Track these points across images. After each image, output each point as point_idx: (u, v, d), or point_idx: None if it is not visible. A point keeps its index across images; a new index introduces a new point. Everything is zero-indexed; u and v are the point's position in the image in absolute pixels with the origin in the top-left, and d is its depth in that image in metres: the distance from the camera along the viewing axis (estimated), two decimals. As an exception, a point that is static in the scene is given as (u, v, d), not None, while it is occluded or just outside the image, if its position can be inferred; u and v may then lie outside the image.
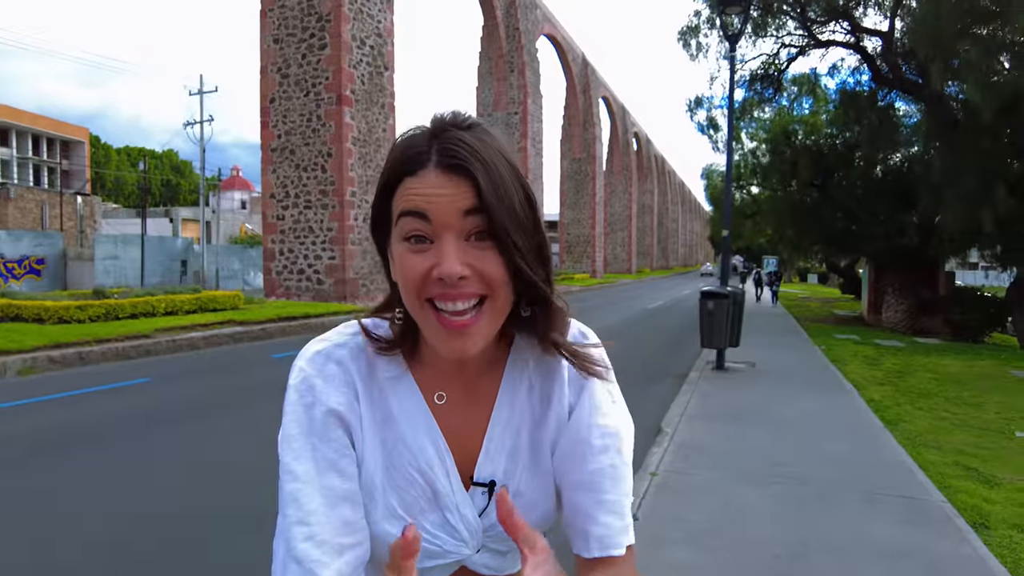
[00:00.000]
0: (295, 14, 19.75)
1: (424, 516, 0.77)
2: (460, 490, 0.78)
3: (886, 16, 16.27)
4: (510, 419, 0.80)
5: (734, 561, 3.03)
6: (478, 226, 0.67)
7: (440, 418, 0.79)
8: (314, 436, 0.74)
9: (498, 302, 0.70)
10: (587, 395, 0.81)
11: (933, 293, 17.65)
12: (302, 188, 19.74)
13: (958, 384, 8.46)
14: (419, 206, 0.67)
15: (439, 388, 0.80)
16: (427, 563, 0.77)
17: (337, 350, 0.79)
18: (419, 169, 0.68)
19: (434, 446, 0.78)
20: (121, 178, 67.32)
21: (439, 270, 0.66)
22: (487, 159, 0.68)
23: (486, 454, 0.79)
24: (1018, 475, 4.57)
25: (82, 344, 9.63)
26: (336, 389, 0.76)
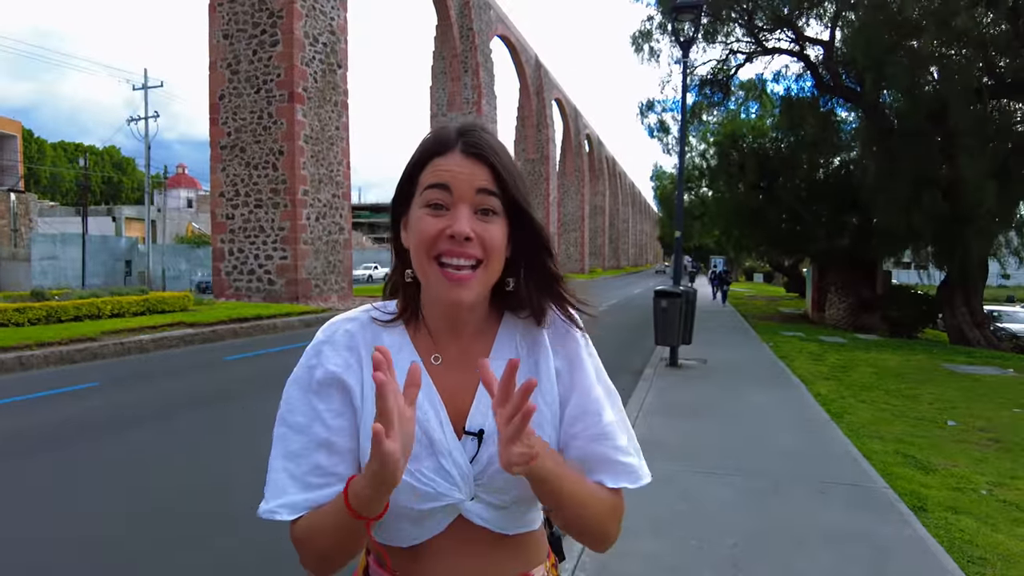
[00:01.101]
0: (246, 9, 19.32)
1: (420, 462, 0.86)
2: (453, 438, 0.88)
3: (827, 26, 17.00)
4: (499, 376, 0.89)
5: (698, 549, 3.18)
6: (486, 203, 0.85)
7: (436, 377, 0.91)
8: (310, 392, 0.90)
9: (490, 268, 0.87)
10: (585, 360, 0.96)
11: (872, 292, 18.50)
12: (252, 187, 19.32)
13: (896, 377, 8.94)
14: (444, 179, 0.84)
15: (436, 351, 0.93)
16: (424, 505, 0.86)
17: (347, 323, 0.95)
18: (447, 151, 0.86)
19: (429, 400, 0.89)
20: (57, 175, 64.34)
21: (452, 229, 0.83)
22: (501, 154, 0.87)
23: (477, 407, 0.90)
24: (950, 461, 4.89)
25: (22, 348, 9.23)
26: (337, 354, 0.92)
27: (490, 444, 0.88)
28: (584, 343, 0.97)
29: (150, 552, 3.27)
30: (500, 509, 0.90)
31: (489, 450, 0.88)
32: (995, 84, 13.42)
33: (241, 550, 3.26)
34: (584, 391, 0.94)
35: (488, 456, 0.88)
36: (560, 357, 0.95)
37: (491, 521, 0.90)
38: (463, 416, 0.90)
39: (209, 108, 19.94)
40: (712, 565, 3.01)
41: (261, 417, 6.18)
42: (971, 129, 11.63)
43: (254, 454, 4.75)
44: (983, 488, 4.29)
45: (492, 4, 37.43)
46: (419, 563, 0.90)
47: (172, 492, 4.17)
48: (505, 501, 0.89)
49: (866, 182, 15.01)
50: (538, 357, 0.95)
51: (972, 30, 11.82)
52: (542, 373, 0.93)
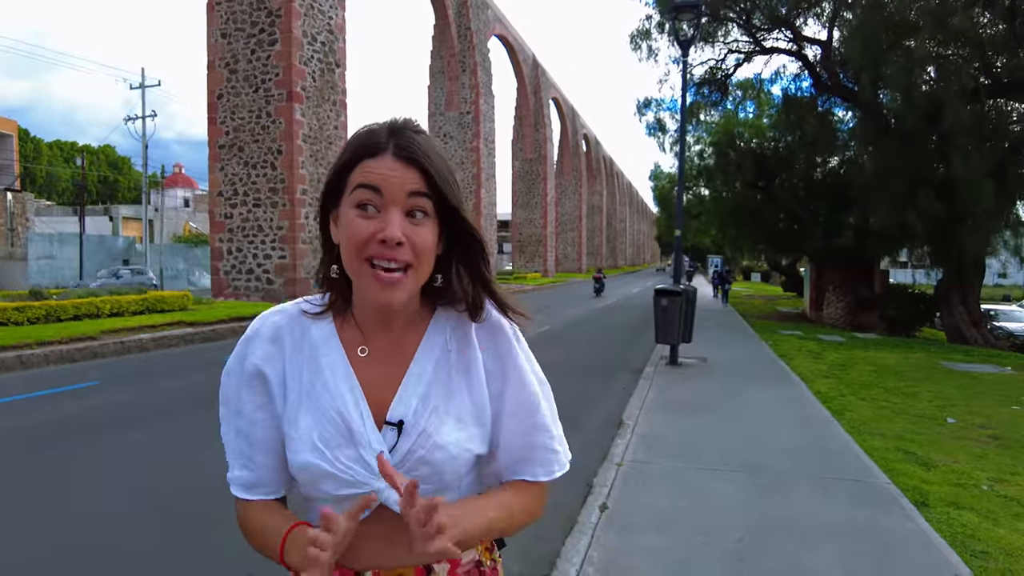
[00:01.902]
0: (244, 8, 19.29)
1: (340, 450, 0.89)
2: (372, 429, 0.91)
3: (825, 26, 17.06)
4: (423, 371, 0.94)
5: (704, 544, 3.20)
6: (416, 205, 0.86)
7: (361, 368, 0.94)
8: (241, 384, 0.96)
9: (421, 270, 0.88)
10: (518, 354, 0.99)
11: (870, 291, 18.56)
12: (251, 186, 19.31)
13: (895, 375, 8.98)
14: (375, 181, 0.84)
15: (363, 344, 0.95)
16: (344, 491, 0.90)
17: (275, 315, 0.98)
18: (378, 153, 0.86)
19: (351, 391, 0.92)
20: (53, 174, 64.13)
21: (383, 234, 0.83)
22: (432, 156, 0.87)
23: (399, 398, 0.92)
24: (951, 458, 4.93)
25: (22, 347, 9.23)
26: (261, 347, 0.95)
27: (410, 435, 0.91)
28: (514, 335, 1.00)
29: (149, 551, 3.28)
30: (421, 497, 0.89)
31: (409, 441, 0.91)
32: (992, 84, 13.48)
33: (240, 548, 3.26)
34: (519, 384, 0.98)
35: (408, 447, 0.90)
36: (490, 354, 0.98)
37: None
38: (385, 407, 0.92)
39: (207, 107, 19.92)
40: (718, 559, 3.04)
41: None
42: (967, 129, 11.68)
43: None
44: (984, 484, 4.32)
45: (490, 3, 37.43)
46: (347, 548, 0.90)
47: (172, 491, 4.17)
48: (426, 491, 0.89)
49: (862, 181, 15.07)
50: (467, 353, 0.97)
51: (969, 30, 11.87)
52: (472, 370, 0.96)
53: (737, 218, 21.21)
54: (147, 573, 3.09)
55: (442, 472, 0.92)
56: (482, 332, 0.98)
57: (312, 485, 0.92)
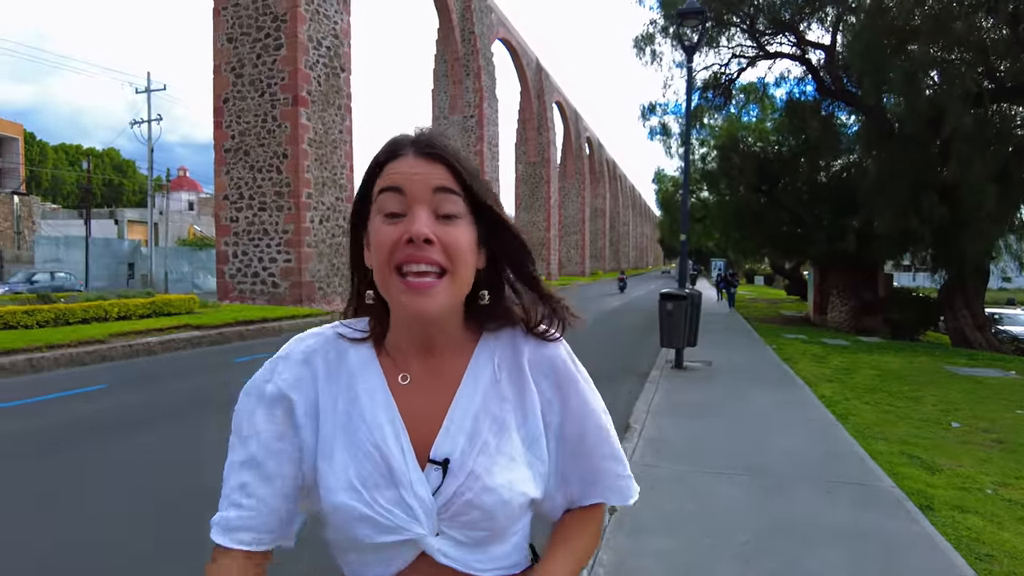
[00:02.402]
0: (249, 13, 19.43)
1: (379, 491, 0.80)
2: (415, 468, 0.81)
3: (829, 30, 17.10)
4: (471, 403, 0.84)
5: (711, 546, 3.25)
6: (446, 204, 0.78)
7: (402, 398, 0.84)
8: (258, 407, 0.85)
9: (458, 275, 0.79)
10: (578, 379, 0.91)
11: (873, 294, 18.57)
12: (256, 190, 19.42)
13: (899, 379, 9.01)
14: (397, 182, 0.78)
15: (404, 371, 0.86)
16: (381, 538, 0.79)
17: (310, 338, 0.90)
18: (400, 155, 0.80)
19: (391, 424, 0.82)
20: (59, 177, 64.43)
21: (410, 232, 0.76)
22: (456, 152, 0.81)
23: (445, 433, 0.82)
24: (955, 462, 4.97)
25: (32, 350, 9.31)
26: (290, 369, 0.86)
27: (457, 476, 0.81)
28: (571, 358, 0.92)
29: (157, 553, 3.32)
30: (468, 547, 0.83)
31: (456, 482, 0.81)
32: (996, 88, 13.51)
33: None
34: (584, 414, 0.90)
35: (455, 489, 0.81)
36: (547, 381, 0.89)
37: (458, 560, 0.82)
38: (427, 442, 0.83)
39: (213, 111, 20.05)
40: (725, 562, 3.09)
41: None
42: (969, 134, 11.72)
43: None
44: (988, 488, 4.36)
45: (493, 7, 37.57)
46: None
47: (179, 493, 4.23)
48: (474, 538, 0.82)
49: (866, 185, 15.10)
50: (520, 382, 0.88)
51: (972, 35, 11.92)
52: (525, 400, 0.87)
53: (741, 222, 21.25)
54: (155, 574, 3.13)
55: (494, 517, 0.81)
56: (536, 357, 0.89)
57: (347, 529, 0.81)
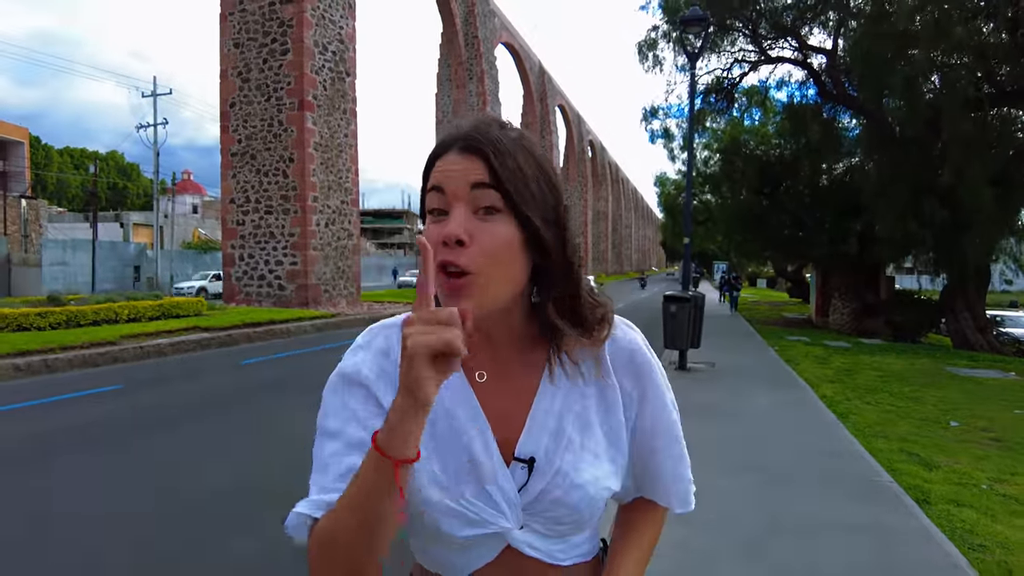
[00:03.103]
0: (256, 19, 19.65)
1: (464, 486, 0.80)
2: (500, 464, 0.81)
3: (830, 35, 17.23)
4: (553, 400, 0.84)
5: (721, 535, 3.40)
6: (483, 199, 0.74)
7: (482, 395, 0.84)
8: (345, 394, 0.83)
9: (491, 274, 0.74)
10: (657, 375, 0.89)
11: (875, 296, 18.69)
12: (263, 193, 19.62)
13: (900, 380, 9.14)
14: (437, 180, 0.76)
15: (480, 368, 0.85)
16: (468, 531, 0.80)
17: (385, 329, 0.88)
18: (445, 152, 0.78)
19: (473, 421, 0.82)
20: (64, 181, 64.78)
21: (443, 233, 0.73)
22: (500, 144, 0.76)
23: (528, 433, 0.83)
24: (953, 459, 5.10)
25: (47, 352, 9.47)
26: (373, 360, 0.84)
27: (544, 474, 0.81)
28: (647, 347, 0.90)
29: (178, 552, 3.40)
30: (551, 538, 0.84)
31: (543, 480, 0.81)
32: (996, 92, 13.63)
33: (266, 549, 3.44)
34: (661, 408, 0.89)
35: (542, 486, 0.81)
36: (627, 376, 0.88)
37: (543, 551, 0.83)
38: (508, 439, 0.83)
39: (220, 116, 20.27)
40: (736, 549, 3.23)
41: (289, 418, 6.36)
42: (969, 137, 11.84)
43: (280, 456, 4.97)
44: (984, 483, 4.50)
45: (497, 12, 37.79)
46: None
47: (202, 491, 4.37)
48: (558, 531, 0.84)
49: (867, 188, 15.21)
50: (601, 376, 0.87)
51: (971, 40, 12.05)
52: (607, 395, 0.87)
53: (743, 225, 21.37)
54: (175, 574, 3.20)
55: (579, 512, 0.82)
56: (615, 347, 0.88)
57: (430, 525, 0.81)
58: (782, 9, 16.65)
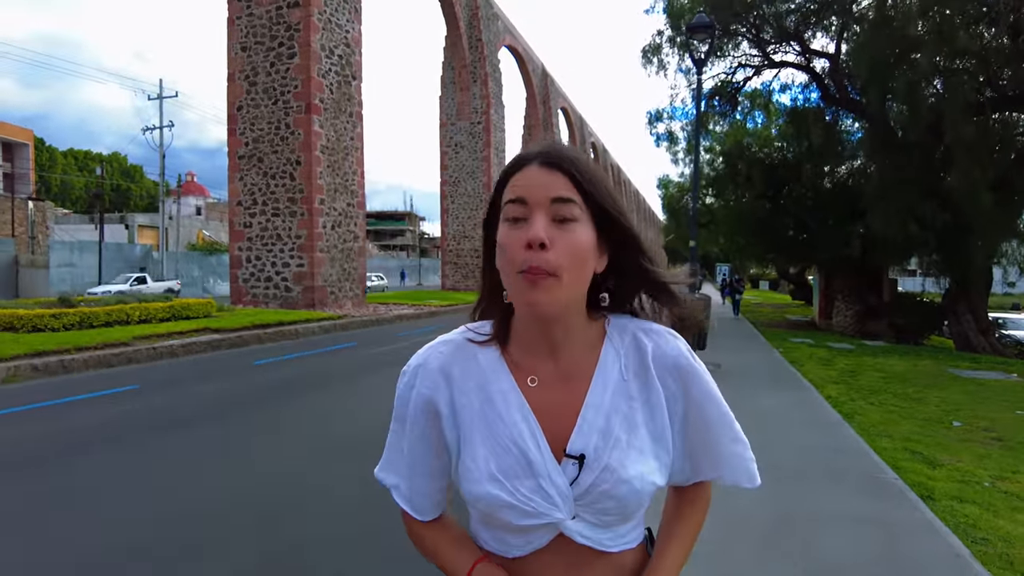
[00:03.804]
0: (263, 23, 19.82)
1: (520, 481, 0.89)
2: (551, 460, 0.89)
3: (833, 39, 17.39)
4: (601, 402, 0.92)
5: (732, 527, 3.54)
6: (563, 211, 0.85)
7: (533, 398, 0.92)
8: (406, 411, 0.98)
9: (572, 273, 0.85)
10: (700, 369, 0.98)
11: (878, 299, 18.81)
12: (270, 195, 19.77)
13: (903, 382, 9.26)
14: (519, 193, 0.86)
15: (531, 373, 0.94)
16: (524, 521, 0.89)
17: (442, 346, 0.99)
18: (524, 167, 0.88)
19: (525, 421, 0.91)
20: (68, 182, 65.03)
21: (528, 236, 0.83)
22: (579, 162, 0.88)
23: (579, 431, 0.90)
24: (955, 457, 5.24)
25: (63, 352, 9.63)
26: (429, 376, 0.97)
27: (593, 469, 0.89)
28: (689, 353, 0.99)
29: (202, 551, 3.47)
30: (601, 528, 0.92)
31: (592, 475, 0.89)
32: (998, 97, 13.77)
33: (290, 549, 3.59)
34: (708, 400, 0.97)
35: (591, 480, 0.89)
36: (671, 379, 0.96)
37: (592, 539, 0.92)
38: (560, 437, 0.91)
39: (227, 119, 20.43)
40: (746, 540, 3.37)
41: (306, 418, 6.48)
42: (970, 141, 11.97)
43: (300, 456, 5.11)
44: (986, 481, 4.63)
45: (500, 15, 37.97)
46: (517, 573, 0.94)
47: (230, 489, 4.52)
48: (607, 521, 0.91)
49: (870, 191, 15.32)
50: (646, 378, 0.95)
51: (973, 45, 12.18)
52: (651, 396, 0.94)
53: (746, 227, 21.46)
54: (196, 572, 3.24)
55: (626, 504, 0.90)
56: (659, 354, 0.96)
57: (490, 515, 0.92)
58: (785, 13, 16.81)
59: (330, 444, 5.57)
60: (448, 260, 36.87)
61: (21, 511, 3.92)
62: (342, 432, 6.02)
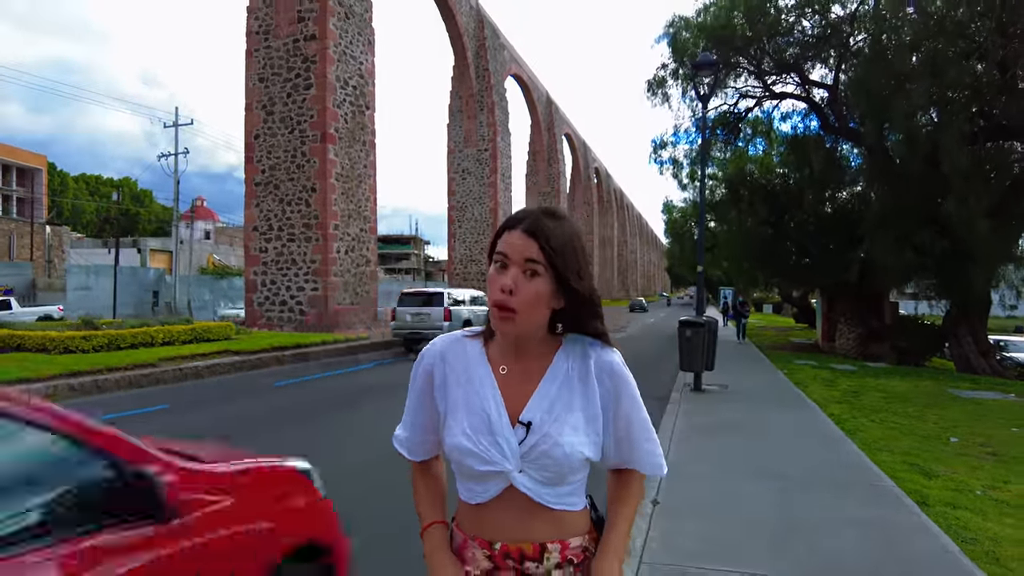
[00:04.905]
0: (280, 55, 20.53)
1: (482, 436, 1.22)
2: (507, 424, 1.23)
3: (831, 70, 17.97)
4: (549, 388, 1.25)
5: (742, 530, 3.91)
6: (531, 268, 1.18)
7: (501, 381, 1.27)
8: (415, 381, 1.35)
9: (526, 312, 1.19)
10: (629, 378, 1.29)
11: (880, 322, 19.13)
12: (285, 221, 20.30)
13: (904, 401, 9.62)
14: (504, 249, 1.21)
15: (503, 364, 1.29)
16: (482, 467, 1.22)
17: (444, 339, 1.36)
18: (514, 228, 1.21)
19: (493, 396, 1.25)
20: (79, 207, 65.97)
21: (501, 283, 1.18)
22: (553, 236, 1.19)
23: (529, 407, 1.24)
24: (951, 469, 5.60)
25: (96, 373, 10.04)
26: (431, 356, 1.33)
27: (536, 433, 1.21)
28: (623, 364, 1.29)
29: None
30: (541, 483, 1.22)
31: (535, 437, 1.20)
32: (991, 126, 14.26)
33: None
34: (632, 407, 1.27)
35: (534, 442, 1.20)
36: (608, 381, 1.26)
37: (533, 491, 1.22)
38: (517, 412, 1.23)
39: (244, 147, 21.05)
40: (756, 541, 3.74)
41: (330, 436, 6.83)
42: (966, 170, 12.39)
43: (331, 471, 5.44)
44: (978, 490, 4.99)
45: (506, 45, 38.92)
46: (479, 517, 1.27)
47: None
48: (546, 477, 1.21)
49: (870, 218, 15.69)
50: (586, 379, 1.26)
51: (965, 78, 12.69)
52: (587, 392, 1.25)
53: (749, 252, 21.76)
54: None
55: (560, 464, 1.20)
56: (600, 361, 1.27)
57: (461, 461, 1.24)
58: (785, 47, 17.43)
59: (361, 460, 5.94)
60: (455, 283, 37.34)
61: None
62: (366, 448, 6.39)
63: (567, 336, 1.30)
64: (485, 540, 1.25)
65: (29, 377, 9.24)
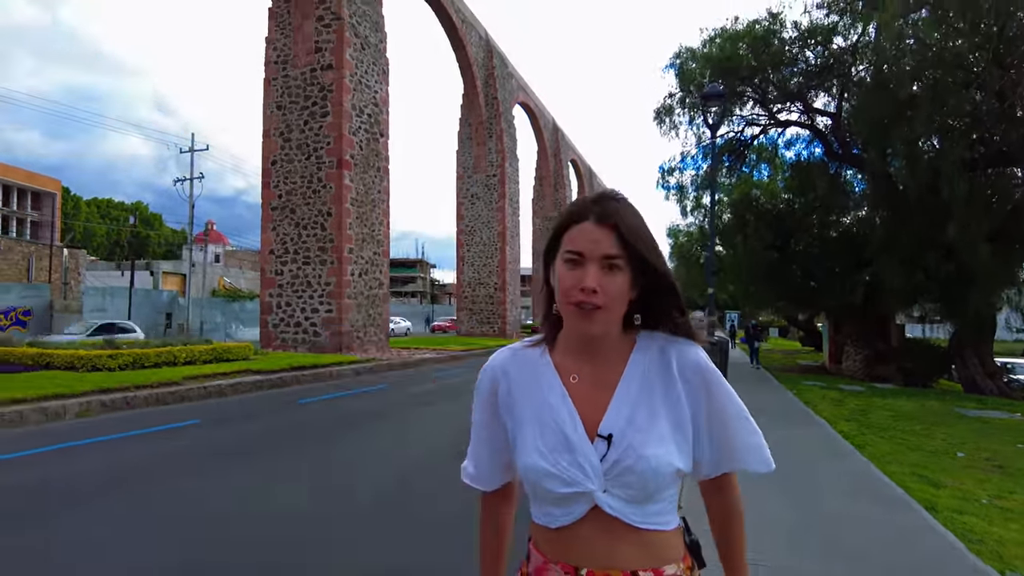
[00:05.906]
0: (298, 84, 21.17)
1: (559, 455, 1.09)
2: (585, 440, 1.09)
3: (834, 98, 18.48)
4: (628, 394, 1.12)
5: (762, 528, 4.19)
6: (610, 262, 1.06)
7: (573, 392, 1.14)
8: (479, 402, 1.24)
9: (611, 308, 1.08)
10: (717, 373, 1.16)
11: (886, 344, 19.34)
12: (301, 245, 20.76)
13: (912, 420, 9.85)
14: (578, 248, 1.08)
15: (573, 371, 1.16)
16: (563, 489, 1.08)
17: (503, 353, 1.25)
18: (582, 221, 1.09)
19: (566, 409, 1.12)
20: (90, 230, 66.84)
21: (583, 283, 1.06)
22: (627, 217, 1.08)
23: (608, 417, 1.10)
24: (958, 481, 5.85)
25: (124, 390, 10.36)
26: (493, 373, 1.22)
27: (618, 447, 1.07)
28: (708, 360, 1.17)
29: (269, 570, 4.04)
30: (627, 503, 1.07)
31: (617, 452, 1.06)
32: (991, 153, 14.63)
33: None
34: (727, 399, 1.15)
35: (616, 456, 1.06)
36: (695, 380, 1.13)
37: (621, 512, 1.07)
38: (594, 424, 1.10)
39: (262, 173, 21.61)
40: (776, 538, 4.02)
41: (354, 450, 7.14)
42: (967, 196, 12.73)
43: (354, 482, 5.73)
44: (984, 499, 5.25)
45: (514, 73, 39.76)
46: (561, 543, 1.11)
47: (291, 515, 5.17)
48: (633, 496, 1.06)
49: (874, 242, 16.00)
50: (667, 380, 1.13)
51: (964, 107, 13.11)
52: (671, 394, 1.12)
53: (755, 276, 22.01)
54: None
55: (646, 480, 1.05)
56: (682, 361, 1.14)
57: (537, 483, 1.10)
58: (789, 77, 17.95)
59: (391, 471, 6.23)
60: (464, 307, 37.71)
61: (137, 522, 4.62)
62: (393, 461, 6.68)
63: (640, 334, 1.17)
64: (570, 565, 1.10)
65: (64, 393, 9.58)
